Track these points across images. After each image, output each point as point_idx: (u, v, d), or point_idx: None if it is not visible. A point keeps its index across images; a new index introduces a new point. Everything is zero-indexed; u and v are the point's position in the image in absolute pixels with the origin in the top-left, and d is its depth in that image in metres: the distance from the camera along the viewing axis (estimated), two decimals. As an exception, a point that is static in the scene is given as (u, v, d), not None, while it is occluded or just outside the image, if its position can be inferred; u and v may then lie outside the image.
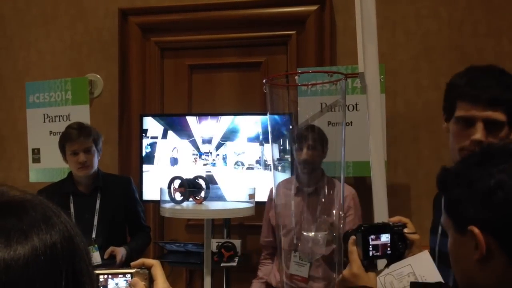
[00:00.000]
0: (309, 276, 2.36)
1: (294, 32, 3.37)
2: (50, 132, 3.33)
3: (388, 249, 1.24)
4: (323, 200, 2.14)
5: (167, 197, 2.17)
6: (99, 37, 3.64)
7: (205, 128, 3.15)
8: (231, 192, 2.42)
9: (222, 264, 3.01)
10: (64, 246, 0.59)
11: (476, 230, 0.84)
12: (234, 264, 3.03)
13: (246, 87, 3.48)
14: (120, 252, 2.49)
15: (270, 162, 2.06)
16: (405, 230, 1.27)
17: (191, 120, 3.18)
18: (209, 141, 3.14)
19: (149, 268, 1.01)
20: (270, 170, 2.52)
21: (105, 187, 2.61)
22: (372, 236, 1.23)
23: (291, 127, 2.45)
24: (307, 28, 3.34)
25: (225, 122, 3.14)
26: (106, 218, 2.57)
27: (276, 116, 2.77)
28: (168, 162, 3.18)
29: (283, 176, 2.77)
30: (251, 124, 3.11)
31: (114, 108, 3.56)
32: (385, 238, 1.25)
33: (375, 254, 1.22)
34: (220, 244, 3.04)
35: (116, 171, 3.38)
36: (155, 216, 3.41)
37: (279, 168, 2.85)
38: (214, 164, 3.13)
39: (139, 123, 3.27)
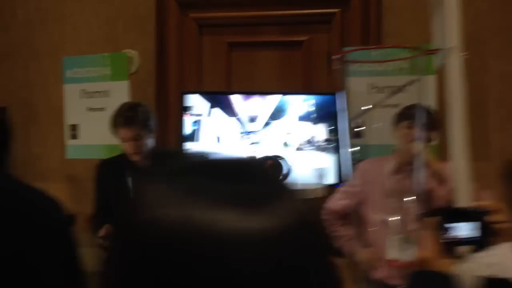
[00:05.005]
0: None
1: (339, 10, 3.27)
2: (88, 108, 3.27)
3: (469, 236, 1.16)
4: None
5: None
6: (135, 13, 3.55)
7: (251, 106, 3.07)
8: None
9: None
10: None
11: None
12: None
13: (287, 66, 3.39)
14: None
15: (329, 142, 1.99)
16: (493, 218, 1.16)
17: (236, 98, 3.09)
18: (254, 120, 3.06)
19: None
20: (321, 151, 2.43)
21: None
22: (452, 222, 1.16)
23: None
24: (352, 6, 3.24)
25: (272, 100, 3.05)
26: None
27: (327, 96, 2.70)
28: (212, 140, 3.10)
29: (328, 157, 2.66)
30: (300, 103, 3.01)
31: (151, 85, 3.49)
32: (467, 224, 1.17)
33: (454, 240, 1.15)
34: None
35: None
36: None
37: (325, 149, 2.77)
38: (259, 144, 3.05)
39: (178, 100, 3.20)
